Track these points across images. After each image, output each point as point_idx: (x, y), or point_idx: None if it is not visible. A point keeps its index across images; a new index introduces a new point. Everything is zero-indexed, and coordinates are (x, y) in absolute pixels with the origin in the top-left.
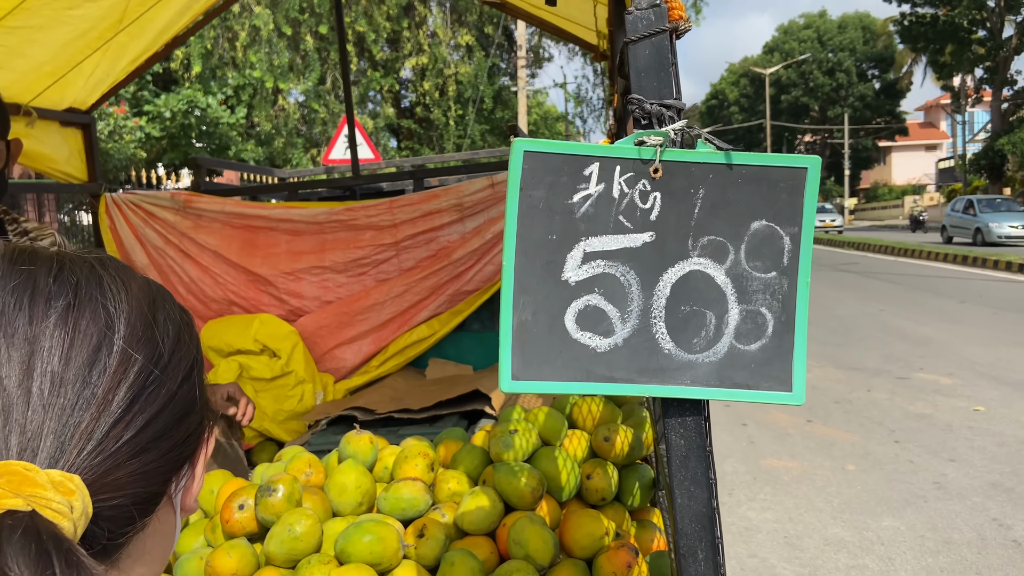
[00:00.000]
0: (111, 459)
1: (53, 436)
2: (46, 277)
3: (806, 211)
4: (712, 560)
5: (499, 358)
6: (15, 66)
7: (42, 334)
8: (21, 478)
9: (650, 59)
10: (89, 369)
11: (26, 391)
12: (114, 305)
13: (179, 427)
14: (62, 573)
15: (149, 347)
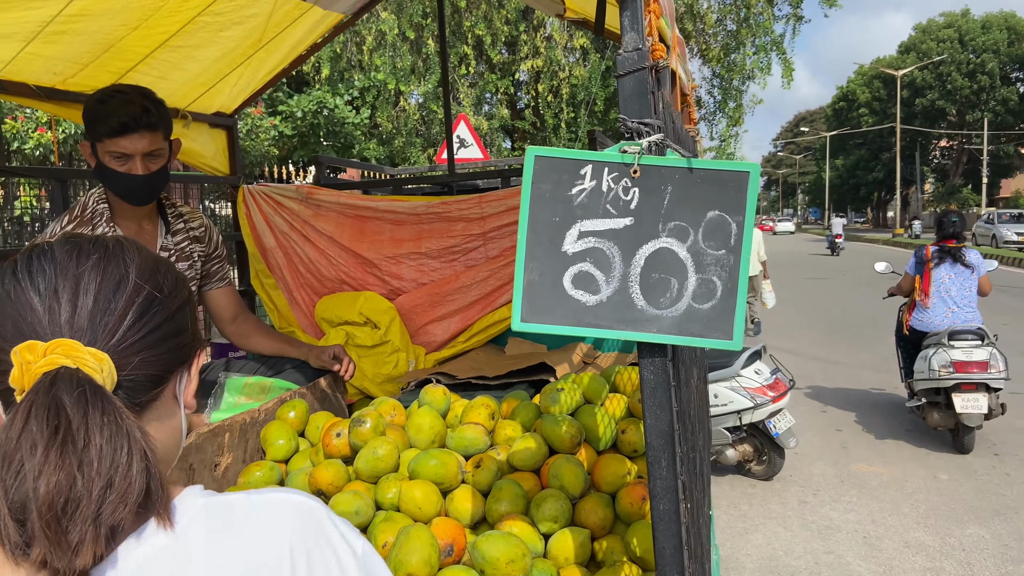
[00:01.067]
0: (127, 348)
1: (90, 331)
2: (87, 243)
3: (748, 204)
4: (672, 468)
5: (512, 306)
6: (176, 78)
7: (83, 273)
8: (70, 348)
9: (633, 89)
10: (113, 294)
11: (74, 305)
12: (130, 258)
13: (174, 338)
14: (90, 396)
15: (152, 283)
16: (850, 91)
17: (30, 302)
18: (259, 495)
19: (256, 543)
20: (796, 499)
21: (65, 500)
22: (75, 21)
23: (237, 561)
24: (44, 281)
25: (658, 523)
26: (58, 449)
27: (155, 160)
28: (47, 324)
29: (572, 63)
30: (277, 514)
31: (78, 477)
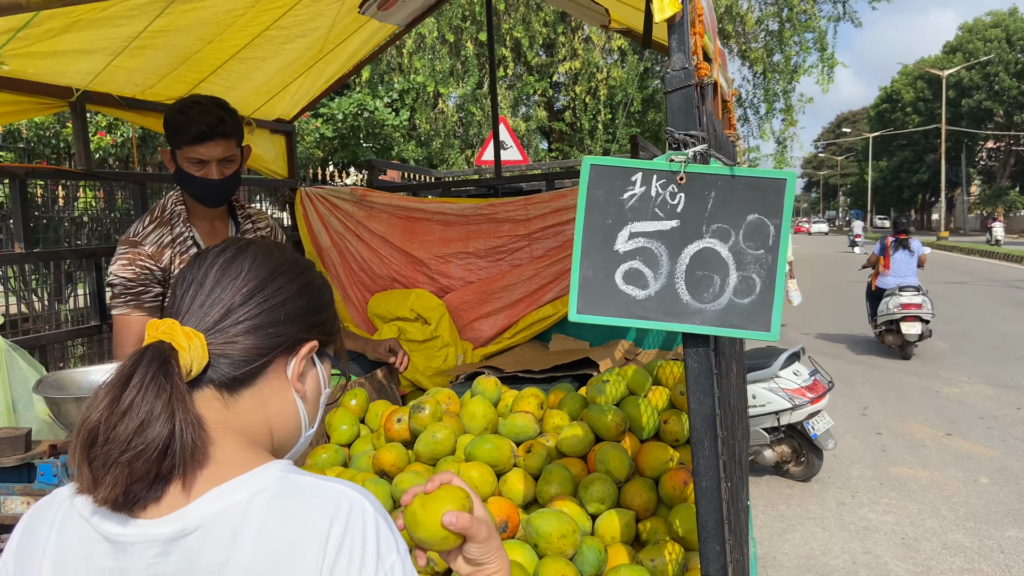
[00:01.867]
0: (224, 332)
1: (196, 316)
2: (232, 245)
3: (785, 208)
4: (714, 450)
5: (569, 299)
6: (243, 87)
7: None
8: (171, 327)
9: (680, 104)
10: (225, 287)
11: (195, 295)
12: (253, 261)
13: (271, 327)
14: (155, 367)
15: (258, 282)
16: (894, 91)
17: (176, 291)
18: (325, 481)
19: (303, 521)
20: (834, 500)
21: (102, 439)
22: (157, 36)
23: (283, 533)
24: (190, 275)
25: (701, 498)
26: (111, 400)
27: (229, 165)
28: (176, 309)
29: (610, 64)
30: (329, 501)
31: (116, 425)
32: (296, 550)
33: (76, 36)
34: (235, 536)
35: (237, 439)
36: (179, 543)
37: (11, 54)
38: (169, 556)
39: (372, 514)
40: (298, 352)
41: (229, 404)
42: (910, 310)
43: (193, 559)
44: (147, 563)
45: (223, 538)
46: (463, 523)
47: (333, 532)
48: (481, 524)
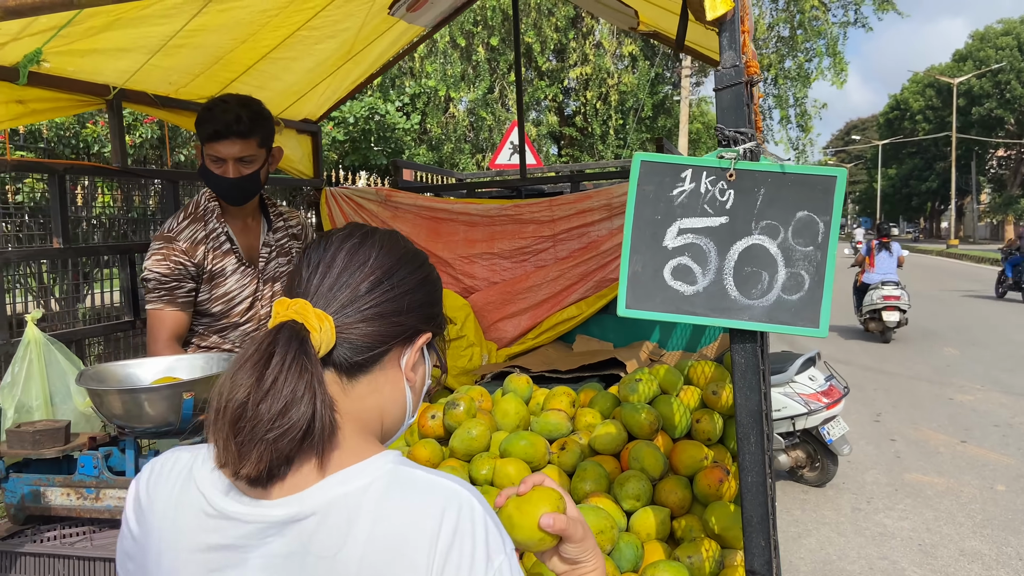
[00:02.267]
0: (350, 317)
1: (324, 298)
2: (358, 231)
3: (835, 205)
4: (760, 445)
5: (618, 294)
6: (273, 87)
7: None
8: (302, 307)
9: (730, 101)
10: (353, 272)
11: (323, 277)
12: (379, 248)
13: (393, 316)
14: (294, 347)
15: (384, 271)
16: (903, 100)
17: (300, 270)
18: (435, 476)
19: (415, 516)
20: (849, 506)
21: (248, 417)
22: (193, 36)
23: (396, 526)
24: (316, 255)
25: (746, 493)
26: (256, 378)
27: (247, 165)
28: (303, 288)
29: (621, 70)
30: (440, 496)
31: (261, 403)
32: (407, 544)
33: (116, 34)
34: (350, 525)
35: (353, 424)
36: (294, 526)
37: (52, 52)
38: (282, 537)
39: (481, 513)
40: (415, 342)
41: (347, 389)
42: (890, 301)
43: (306, 543)
44: (261, 541)
45: (338, 526)
46: (560, 524)
47: (444, 529)
48: (577, 524)
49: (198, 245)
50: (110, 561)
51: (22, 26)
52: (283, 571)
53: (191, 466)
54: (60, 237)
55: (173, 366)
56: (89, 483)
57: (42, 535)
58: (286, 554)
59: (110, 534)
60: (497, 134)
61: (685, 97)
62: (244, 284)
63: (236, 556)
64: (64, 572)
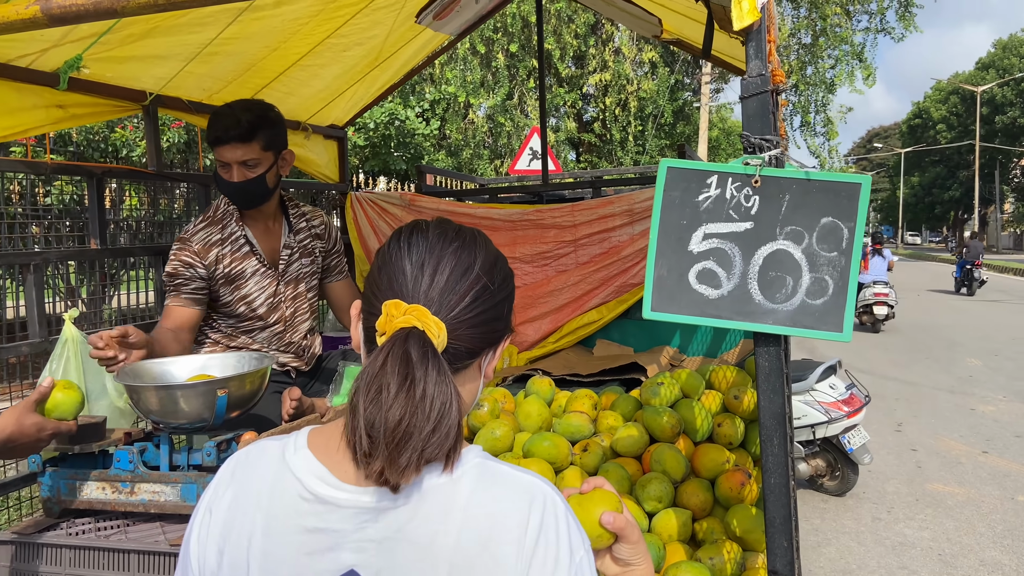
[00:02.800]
0: (458, 323)
1: (437, 303)
2: (452, 230)
3: (860, 212)
4: (784, 447)
5: (643, 297)
6: (302, 93)
7: (445, 255)
8: (423, 314)
9: (756, 109)
10: (460, 277)
11: (432, 280)
12: (479, 252)
13: (492, 323)
14: (430, 356)
15: (488, 277)
16: (925, 108)
17: (404, 268)
18: (518, 471)
19: (504, 509)
20: (869, 515)
21: (404, 430)
22: (227, 43)
23: (487, 516)
24: (417, 254)
25: (769, 495)
26: (406, 391)
27: (251, 169)
28: (410, 289)
29: (640, 76)
30: (526, 491)
31: (417, 415)
32: (498, 536)
33: (153, 42)
34: (444, 515)
35: None
36: (389, 513)
37: (92, 58)
38: (377, 523)
39: (564, 509)
40: (499, 345)
41: None
42: (880, 297)
43: (400, 529)
44: (356, 526)
45: (432, 515)
46: (620, 523)
47: (531, 523)
48: (633, 526)
49: (212, 247)
50: (144, 554)
51: (63, 33)
52: (376, 555)
53: (282, 454)
54: (97, 238)
55: (206, 364)
56: (124, 477)
57: (77, 528)
58: (380, 539)
59: (144, 528)
60: (516, 140)
61: (705, 104)
62: (264, 286)
63: (331, 539)
64: (99, 564)
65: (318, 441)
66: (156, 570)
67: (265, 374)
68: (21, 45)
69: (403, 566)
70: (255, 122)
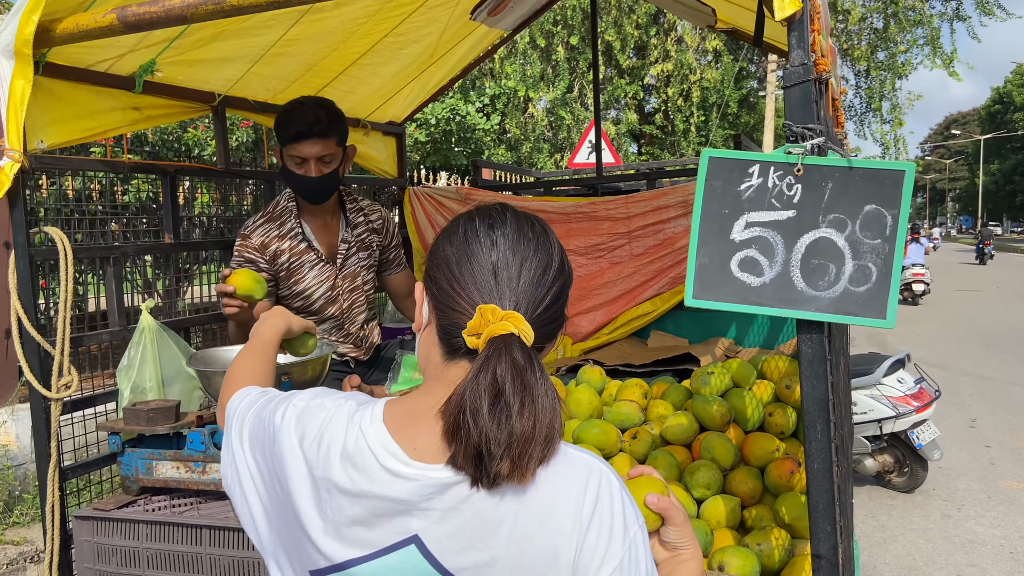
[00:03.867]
0: (539, 321)
1: (525, 302)
2: (526, 224)
3: (904, 199)
4: (826, 433)
5: (685, 285)
6: (361, 92)
7: (528, 252)
8: (518, 320)
9: (799, 99)
10: (542, 275)
11: (519, 278)
12: (554, 247)
13: (560, 320)
14: (535, 362)
15: (564, 272)
16: (1006, 92)
17: (490, 264)
18: (577, 451)
19: (561, 485)
20: (939, 512)
21: (529, 437)
22: (290, 44)
23: (546, 490)
24: (503, 250)
25: (812, 480)
26: (530, 401)
27: (327, 164)
28: (498, 288)
29: (703, 66)
30: (582, 468)
31: (538, 425)
32: (556, 508)
33: (221, 45)
34: (505, 490)
35: None
36: (456, 487)
37: (164, 62)
38: (443, 496)
39: (618, 487)
40: (556, 339)
41: None
42: (917, 277)
43: (466, 499)
44: (423, 498)
45: (493, 490)
46: (664, 504)
47: (587, 499)
48: (679, 510)
49: (271, 243)
50: (216, 529)
51: (138, 39)
52: (440, 523)
53: (351, 417)
54: (171, 233)
55: None
56: (196, 457)
57: (153, 504)
58: (445, 509)
59: (215, 505)
60: (576, 133)
61: (770, 92)
62: (322, 280)
63: (398, 507)
64: (174, 538)
65: (393, 414)
66: (226, 544)
67: (326, 361)
68: (99, 51)
69: (465, 534)
70: (331, 117)
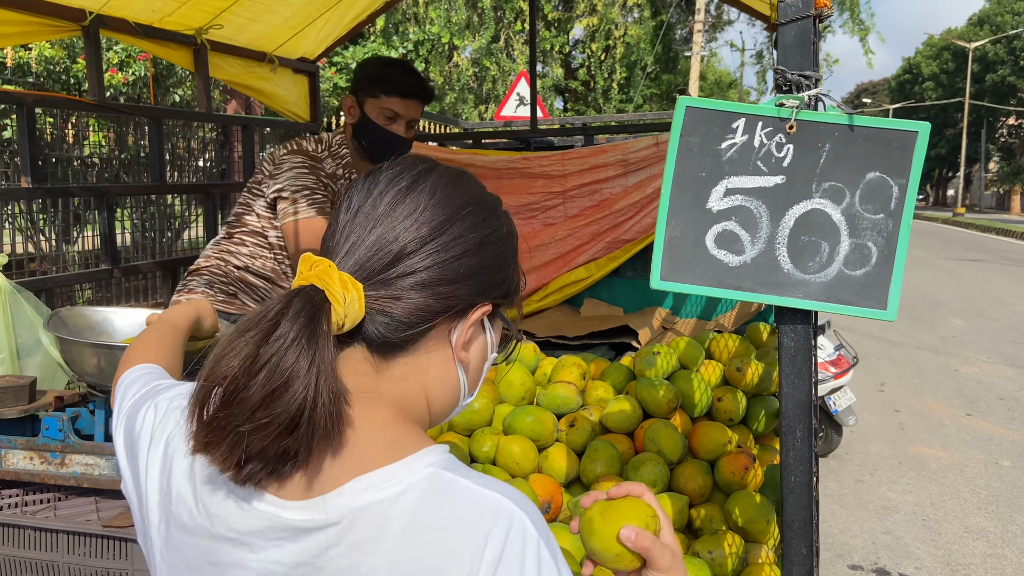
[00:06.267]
0: (385, 288)
1: (361, 259)
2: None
3: (914, 167)
4: (807, 439)
5: (651, 263)
6: (266, 20)
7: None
8: (324, 271)
9: (795, 38)
10: (399, 227)
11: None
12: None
13: (438, 287)
14: (302, 317)
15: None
16: (916, 64)
17: (338, 216)
18: (483, 487)
19: (454, 535)
20: (852, 478)
21: (228, 391)
22: None
23: (430, 546)
24: (357, 199)
25: (788, 495)
26: (253, 348)
27: (411, 129)
28: (332, 241)
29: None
30: (486, 514)
31: (247, 379)
32: (441, 570)
33: None
34: (376, 543)
35: (387, 411)
36: (310, 535)
37: None
38: (293, 544)
39: (534, 537)
40: (468, 317)
41: (380, 369)
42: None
43: (319, 557)
44: (266, 542)
45: (361, 543)
46: (643, 543)
47: (487, 556)
48: (665, 550)
49: (335, 179)
50: (75, 535)
51: None
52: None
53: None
54: (29, 176)
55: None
56: (53, 447)
57: (3, 501)
58: (294, 564)
59: (77, 503)
60: (502, 85)
61: (696, 53)
62: None
63: (237, 553)
64: (24, 543)
65: None
66: (87, 552)
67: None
68: None
69: None
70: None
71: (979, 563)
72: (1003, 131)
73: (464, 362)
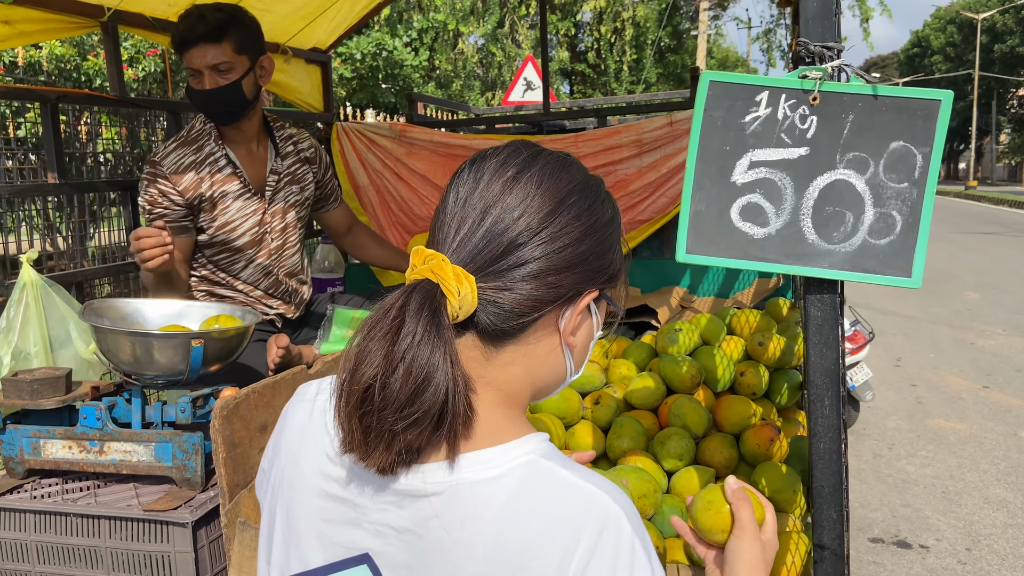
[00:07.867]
0: (497, 279)
1: (471, 252)
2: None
3: (937, 135)
4: (836, 407)
5: (676, 237)
6: (279, 11)
7: (490, 192)
8: (439, 265)
9: (817, 9)
10: (506, 224)
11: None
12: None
13: (548, 278)
14: (426, 310)
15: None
16: (924, 36)
17: (445, 207)
18: (582, 479)
19: (550, 524)
20: (871, 452)
21: (370, 392)
22: None
23: (525, 531)
24: (463, 189)
25: (818, 461)
26: (387, 347)
27: (223, 75)
28: (442, 233)
29: (636, 4)
30: (582, 507)
31: (388, 377)
32: (535, 557)
33: None
34: (473, 521)
35: (493, 395)
36: (414, 502)
37: None
38: (400, 509)
39: (629, 534)
40: (577, 304)
41: (489, 356)
42: None
43: (422, 526)
44: (377, 505)
45: (458, 520)
46: (739, 497)
47: (581, 547)
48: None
49: (186, 171)
50: (115, 519)
51: None
52: (395, 546)
53: (316, 401)
54: (55, 172)
55: (183, 312)
56: (92, 435)
57: (43, 490)
58: (401, 529)
59: (116, 489)
60: (507, 71)
61: (703, 32)
62: (248, 214)
63: (351, 513)
64: (66, 529)
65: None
66: (129, 536)
67: (246, 333)
68: None
69: (420, 568)
70: (225, 21)
71: (1000, 533)
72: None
73: (572, 346)
